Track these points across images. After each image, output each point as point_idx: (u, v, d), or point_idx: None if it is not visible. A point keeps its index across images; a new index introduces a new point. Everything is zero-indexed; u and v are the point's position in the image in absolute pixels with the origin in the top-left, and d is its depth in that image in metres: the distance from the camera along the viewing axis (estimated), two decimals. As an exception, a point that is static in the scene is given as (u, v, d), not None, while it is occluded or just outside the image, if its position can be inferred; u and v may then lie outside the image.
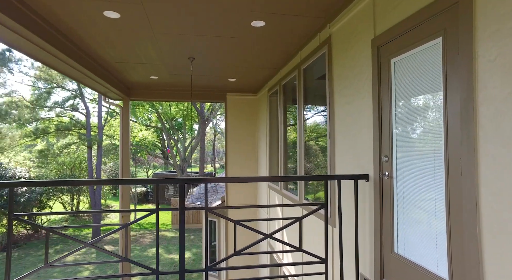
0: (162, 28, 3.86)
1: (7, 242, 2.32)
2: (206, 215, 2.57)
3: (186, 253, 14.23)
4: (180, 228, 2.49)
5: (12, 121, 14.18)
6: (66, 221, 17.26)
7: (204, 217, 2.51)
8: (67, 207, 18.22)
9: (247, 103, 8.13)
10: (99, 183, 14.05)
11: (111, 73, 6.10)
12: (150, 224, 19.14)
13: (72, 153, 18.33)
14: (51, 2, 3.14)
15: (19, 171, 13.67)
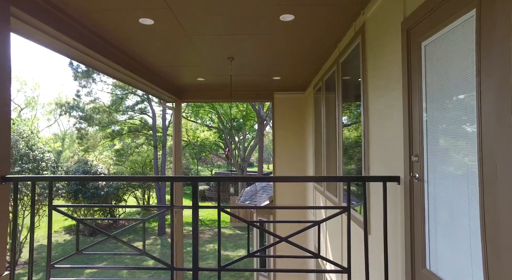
0: (194, 31, 3.98)
1: (48, 231, 2.61)
2: (219, 214, 2.54)
3: (239, 251, 14.57)
4: (193, 225, 2.51)
5: (95, 124, 16.32)
6: (138, 214, 19.17)
7: (218, 216, 2.49)
8: (139, 202, 20.14)
9: (294, 101, 7.93)
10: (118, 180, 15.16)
11: (162, 78, 6.53)
12: (211, 220, 20.06)
13: (143, 153, 20.29)
14: (97, 15, 3.46)
15: (100, 168, 15.65)
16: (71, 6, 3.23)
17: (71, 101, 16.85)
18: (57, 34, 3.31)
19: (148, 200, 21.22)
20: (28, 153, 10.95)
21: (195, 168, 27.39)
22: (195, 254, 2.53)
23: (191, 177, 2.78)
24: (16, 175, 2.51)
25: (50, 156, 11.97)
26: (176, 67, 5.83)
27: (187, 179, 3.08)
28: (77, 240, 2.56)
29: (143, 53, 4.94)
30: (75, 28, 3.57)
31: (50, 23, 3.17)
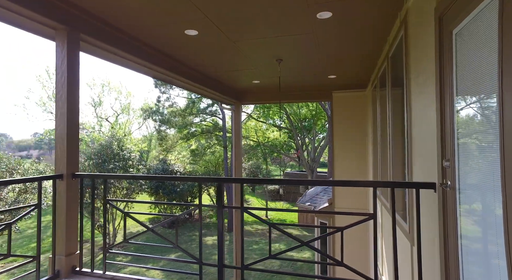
0: (238, 37, 4.14)
1: (104, 220, 3.05)
2: (242, 214, 2.62)
3: (304, 253, 14.37)
4: (218, 224, 2.65)
5: (171, 127, 18.12)
6: (212, 210, 20.50)
7: (241, 217, 2.57)
8: (213, 199, 21.50)
9: (355, 100, 7.51)
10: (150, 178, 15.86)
11: (221, 83, 6.92)
12: (279, 220, 20.24)
13: (216, 153, 21.65)
14: (149, 31, 3.91)
15: (177, 167, 17.27)
16: (125, 24, 3.71)
17: (153, 106, 19.09)
18: (118, 51, 3.84)
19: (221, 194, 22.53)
20: (119, 152, 12.81)
21: (266, 168, 27.96)
22: (220, 251, 2.65)
23: (215, 178, 2.91)
24: (81, 172, 3.02)
25: (135, 156, 13.78)
26: (231, 72, 6.11)
27: (212, 180, 3.25)
28: (124, 230, 2.93)
29: (197, 62, 5.34)
30: (138, 46, 4.09)
31: (114, 43, 3.71)
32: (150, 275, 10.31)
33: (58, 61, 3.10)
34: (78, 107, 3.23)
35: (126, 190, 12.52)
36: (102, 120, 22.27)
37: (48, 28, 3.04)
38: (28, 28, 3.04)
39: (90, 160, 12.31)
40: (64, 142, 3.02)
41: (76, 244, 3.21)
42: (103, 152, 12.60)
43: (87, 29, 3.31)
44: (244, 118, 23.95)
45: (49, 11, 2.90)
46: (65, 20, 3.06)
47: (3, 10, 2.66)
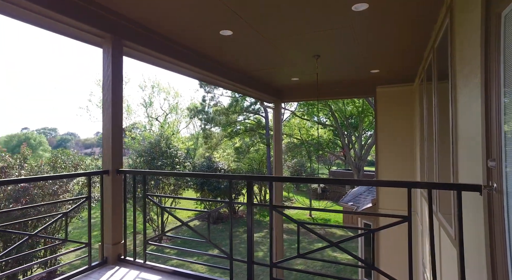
0: (273, 35, 4.12)
1: (143, 213, 3.27)
2: (271, 212, 2.62)
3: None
4: (247, 221, 2.68)
5: (216, 125, 18.70)
6: (254, 208, 20.76)
7: (269, 214, 2.57)
8: (256, 196, 21.74)
9: (401, 95, 7.04)
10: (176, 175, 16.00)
11: (260, 81, 6.96)
12: (323, 219, 19.82)
13: (259, 150, 21.85)
14: (186, 33, 4.07)
15: (221, 164, 17.77)
16: (163, 28, 3.90)
17: (199, 105, 19.86)
18: (157, 54, 4.06)
19: (264, 195, 22.68)
20: (166, 150, 13.58)
21: (310, 166, 27.52)
22: (250, 248, 2.68)
23: (245, 176, 2.92)
24: (125, 169, 3.25)
25: (181, 153, 14.49)
26: (269, 70, 6.11)
27: (241, 177, 3.27)
28: (162, 224, 3.10)
29: (235, 62, 5.43)
30: (175, 49, 4.29)
31: (153, 47, 3.93)
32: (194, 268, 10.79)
33: (104, 67, 3.37)
34: (122, 109, 3.48)
35: (174, 186, 13.25)
36: (153, 120, 23.78)
37: (96, 37, 3.32)
38: (81, 38, 3.35)
39: (141, 157, 13.24)
40: (109, 141, 3.28)
41: (121, 234, 3.48)
42: (152, 150, 13.46)
43: (129, 36, 3.55)
44: (288, 116, 23.80)
45: (98, 21, 3.16)
46: (110, 29, 3.31)
47: (62, 25, 2.97)
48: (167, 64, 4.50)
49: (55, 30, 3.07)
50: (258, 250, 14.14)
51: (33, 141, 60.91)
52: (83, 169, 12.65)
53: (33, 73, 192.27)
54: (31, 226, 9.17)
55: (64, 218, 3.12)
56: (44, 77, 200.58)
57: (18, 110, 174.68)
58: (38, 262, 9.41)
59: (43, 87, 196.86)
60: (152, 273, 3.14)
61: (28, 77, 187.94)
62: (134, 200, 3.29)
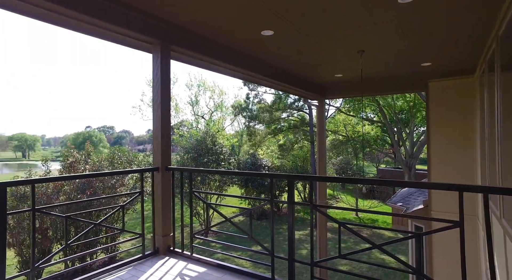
0: (315, 33, 4.07)
1: (190, 209, 3.46)
2: (312, 212, 2.62)
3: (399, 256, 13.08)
4: (288, 219, 2.71)
5: (260, 122, 18.90)
6: (298, 205, 20.63)
7: (310, 213, 2.58)
8: (300, 194, 21.59)
9: (457, 88, 6.48)
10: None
11: (303, 79, 6.91)
12: (370, 220, 19.08)
13: (304, 148, 21.63)
14: (229, 35, 4.20)
15: (265, 161, 17.95)
16: (207, 31, 4.06)
17: (243, 103, 20.23)
18: (203, 56, 4.24)
19: (309, 192, 22.50)
20: (212, 147, 14.10)
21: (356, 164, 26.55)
22: (291, 246, 2.71)
23: (286, 175, 2.91)
24: (173, 166, 3.47)
25: (226, 150, 14.93)
26: (311, 67, 6.04)
27: (282, 176, 3.29)
28: (207, 219, 3.26)
29: (277, 61, 5.46)
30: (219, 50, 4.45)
31: (199, 50, 4.12)
32: (239, 262, 11.11)
33: (153, 71, 3.62)
34: (170, 110, 3.71)
35: (219, 182, 13.73)
36: (199, 118, 24.77)
37: (147, 44, 3.58)
38: (133, 45, 3.64)
39: (188, 154, 13.92)
40: (159, 140, 3.53)
41: (170, 227, 3.72)
42: (199, 147, 14.07)
43: (175, 40, 3.76)
44: (333, 112, 23.19)
45: (148, 29, 3.41)
46: (159, 35, 3.54)
47: (117, 35, 3.26)
48: (211, 65, 4.67)
49: (112, 40, 3.38)
50: (302, 248, 14.08)
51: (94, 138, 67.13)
52: (136, 165, 13.65)
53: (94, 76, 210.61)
54: (94, 215, 10.16)
55: (121, 210, 3.43)
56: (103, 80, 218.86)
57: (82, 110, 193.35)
58: (102, 248, 10.39)
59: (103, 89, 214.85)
60: (199, 265, 3.32)
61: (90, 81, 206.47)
62: (181, 195, 3.50)
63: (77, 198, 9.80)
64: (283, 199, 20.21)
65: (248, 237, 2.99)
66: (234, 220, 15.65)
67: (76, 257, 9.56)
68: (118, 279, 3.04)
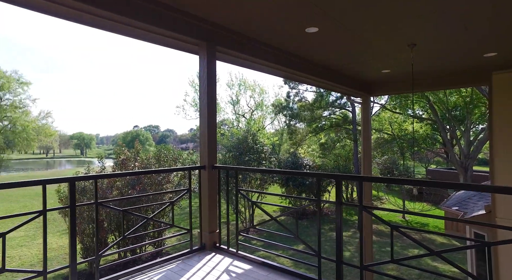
0: (361, 26, 3.91)
1: (236, 207, 3.51)
2: (361, 213, 2.52)
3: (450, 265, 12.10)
4: (336, 221, 2.63)
5: (301, 121, 18.64)
6: (341, 205, 19.99)
7: (359, 215, 2.47)
8: (343, 194, 20.99)
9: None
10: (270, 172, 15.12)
11: (347, 76, 6.68)
12: (418, 223, 17.97)
13: (346, 146, 20.92)
14: (274, 35, 4.19)
15: (306, 160, 17.67)
16: (252, 31, 4.08)
17: (283, 101, 20.10)
18: (247, 56, 4.28)
19: (351, 193, 21.69)
20: (253, 146, 14.22)
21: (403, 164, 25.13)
22: (339, 247, 2.64)
23: (334, 175, 2.79)
24: (219, 165, 3.55)
25: (267, 149, 14.95)
26: (356, 64, 5.82)
27: (330, 176, 3.18)
28: (252, 218, 3.29)
29: (320, 58, 5.34)
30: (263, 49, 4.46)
31: (243, 50, 4.17)
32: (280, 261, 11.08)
33: (200, 72, 3.73)
34: (216, 110, 3.80)
35: (260, 181, 13.81)
36: (240, 117, 25.12)
37: (193, 46, 3.70)
38: (181, 48, 3.78)
39: (230, 152, 14.17)
40: (205, 139, 3.63)
41: (216, 224, 3.82)
42: (240, 145, 14.26)
43: (221, 41, 3.83)
44: (377, 110, 22.14)
45: (195, 32, 3.52)
46: (205, 37, 3.64)
47: (164, 38, 3.41)
48: (254, 64, 4.70)
49: (162, 44, 3.55)
50: (345, 249, 13.67)
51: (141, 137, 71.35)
52: (180, 163, 14.23)
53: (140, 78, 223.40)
54: (143, 210, 10.80)
55: (171, 205, 3.60)
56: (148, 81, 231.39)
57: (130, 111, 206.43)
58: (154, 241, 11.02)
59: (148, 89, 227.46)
60: (244, 262, 3.36)
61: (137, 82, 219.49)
62: (227, 193, 3.57)
63: (127, 193, 10.49)
64: (324, 199, 19.80)
65: (294, 236, 2.96)
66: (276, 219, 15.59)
67: (130, 249, 10.24)
68: (169, 271, 3.19)
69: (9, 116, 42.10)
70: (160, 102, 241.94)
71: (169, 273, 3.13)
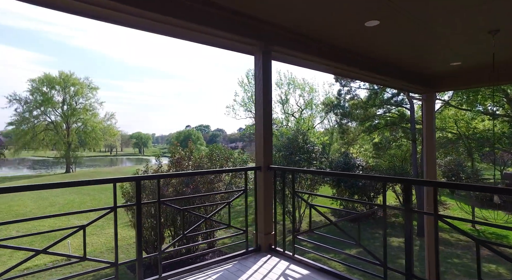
0: (429, 14, 3.55)
1: (292, 210, 3.42)
2: (436, 223, 2.27)
3: None
4: (406, 230, 2.41)
5: (353, 120, 17.81)
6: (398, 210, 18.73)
7: (434, 225, 2.23)
8: (399, 197, 19.63)
9: None
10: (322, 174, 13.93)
11: (407, 70, 6.18)
12: (493, 235, 16.07)
13: (403, 146, 19.52)
14: (333, 32, 4.01)
15: (359, 161, 16.86)
16: (307, 29, 3.94)
17: (334, 100, 19.41)
18: (302, 54, 4.16)
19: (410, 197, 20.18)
20: (303, 146, 13.97)
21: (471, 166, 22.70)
22: (408, 259, 2.41)
23: (402, 179, 2.52)
24: (275, 166, 3.50)
25: (318, 149, 14.57)
26: (420, 56, 5.35)
27: (398, 180, 2.88)
28: (310, 221, 3.17)
29: (378, 53, 5.00)
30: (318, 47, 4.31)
31: (298, 48, 4.06)
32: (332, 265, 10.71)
33: (255, 72, 3.71)
34: (271, 109, 3.75)
35: (310, 181, 13.52)
36: (289, 116, 24.91)
37: (249, 46, 3.69)
38: (236, 49, 3.80)
39: (279, 152, 14.10)
40: (261, 139, 3.59)
41: (271, 225, 3.77)
42: (290, 145, 14.11)
43: (276, 40, 3.77)
44: (439, 107, 20.30)
45: (250, 32, 3.50)
46: (260, 37, 3.60)
47: (220, 39, 3.45)
48: (308, 62, 4.56)
49: (220, 46, 3.59)
50: (401, 256, 12.74)
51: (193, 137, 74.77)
52: (231, 162, 14.53)
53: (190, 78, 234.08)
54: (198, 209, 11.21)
55: (228, 206, 3.63)
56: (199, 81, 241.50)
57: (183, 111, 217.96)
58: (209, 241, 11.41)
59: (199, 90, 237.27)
60: (301, 266, 3.26)
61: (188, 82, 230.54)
62: (283, 195, 3.49)
63: (182, 191, 10.98)
64: (379, 202, 18.73)
65: (355, 243, 2.78)
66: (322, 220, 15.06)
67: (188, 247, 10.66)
68: (225, 271, 3.21)
69: (82, 118, 47.27)
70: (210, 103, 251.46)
71: (226, 273, 3.16)
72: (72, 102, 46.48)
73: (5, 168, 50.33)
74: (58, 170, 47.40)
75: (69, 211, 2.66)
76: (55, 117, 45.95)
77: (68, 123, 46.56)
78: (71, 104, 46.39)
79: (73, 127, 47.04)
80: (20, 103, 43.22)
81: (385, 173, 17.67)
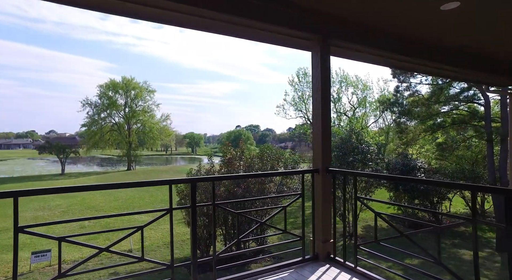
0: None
1: (354, 217, 3.12)
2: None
3: None
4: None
5: (413, 118, 16.36)
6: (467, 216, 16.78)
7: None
8: (468, 204, 17.63)
9: None
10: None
11: (487, 59, 5.39)
12: None
13: (473, 147, 17.46)
14: (397, 21, 3.61)
15: (420, 162, 15.45)
16: (370, 19, 3.58)
17: (391, 97, 18.07)
18: (362, 48, 3.81)
19: (482, 203, 17.99)
20: (357, 146, 13.21)
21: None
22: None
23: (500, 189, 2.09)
24: (335, 168, 3.23)
25: (374, 149, 13.67)
26: (505, 42, 4.60)
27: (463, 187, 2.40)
28: (375, 230, 2.85)
29: (453, 40, 4.40)
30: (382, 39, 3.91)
31: (358, 41, 3.72)
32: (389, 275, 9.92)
33: (313, 69, 3.46)
34: (330, 108, 3.48)
35: (365, 183, 12.74)
36: (341, 115, 23.92)
37: (305, 41, 3.46)
38: (292, 44, 3.60)
39: (332, 152, 13.57)
40: (319, 140, 3.34)
41: (330, 233, 3.50)
42: (343, 145, 13.46)
43: (334, 34, 3.48)
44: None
45: (307, 25, 3.28)
46: (318, 30, 3.35)
47: (276, 35, 3.27)
48: (369, 56, 4.18)
49: (274, 42, 3.42)
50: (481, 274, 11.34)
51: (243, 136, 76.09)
52: (282, 162, 14.31)
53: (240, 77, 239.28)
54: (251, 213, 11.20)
55: (283, 210, 3.44)
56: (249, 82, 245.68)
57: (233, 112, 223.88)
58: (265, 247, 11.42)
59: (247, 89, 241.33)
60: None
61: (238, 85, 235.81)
62: (344, 200, 3.20)
63: (233, 190, 11.06)
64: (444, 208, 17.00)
65: (435, 261, 2.40)
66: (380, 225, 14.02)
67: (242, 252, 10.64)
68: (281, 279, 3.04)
69: (141, 119, 51.05)
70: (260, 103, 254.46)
71: (282, 281, 2.98)
72: (133, 105, 50.41)
73: (80, 165, 57.11)
74: (121, 167, 51.82)
75: (130, 212, 2.73)
76: (119, 118, 50.31)
77: (129, 124, 50.61)
78: (132, 107, 50.33)
79: (133, 128, 50.99)
80: (91, 107, 48.20)
81: (452, 177, 15.95)
